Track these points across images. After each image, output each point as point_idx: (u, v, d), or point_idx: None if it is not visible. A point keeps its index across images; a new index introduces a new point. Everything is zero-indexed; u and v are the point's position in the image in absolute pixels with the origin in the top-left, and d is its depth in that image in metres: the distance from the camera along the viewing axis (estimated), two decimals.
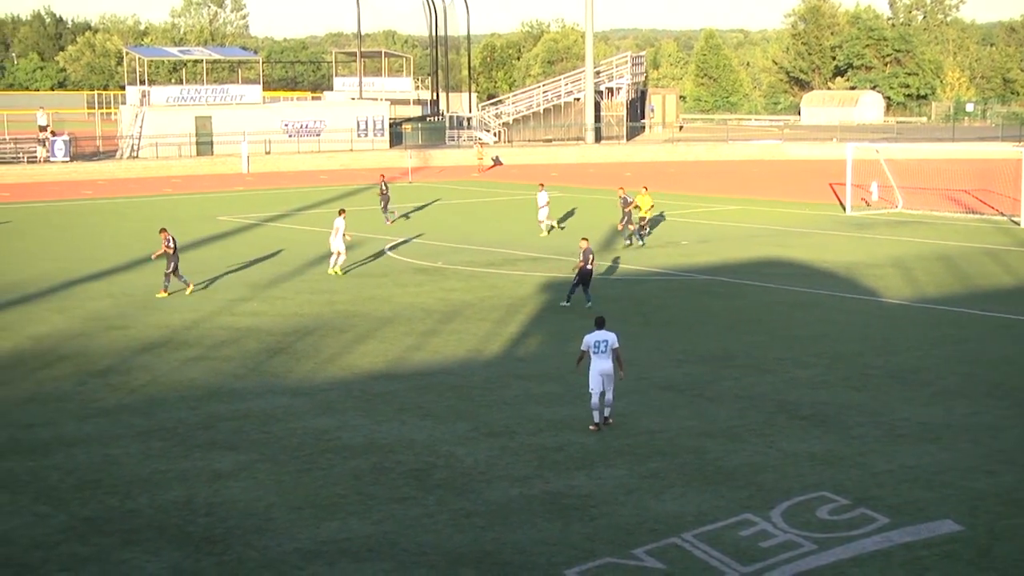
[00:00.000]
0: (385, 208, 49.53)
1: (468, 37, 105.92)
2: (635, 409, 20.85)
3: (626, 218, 42.30)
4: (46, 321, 29.01)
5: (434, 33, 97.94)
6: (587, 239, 30.87)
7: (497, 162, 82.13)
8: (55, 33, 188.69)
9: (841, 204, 53.68)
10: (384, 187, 49.85)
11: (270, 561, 14.36)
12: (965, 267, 36.77)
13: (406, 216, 50.79)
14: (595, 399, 19.63)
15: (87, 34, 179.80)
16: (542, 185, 46.59)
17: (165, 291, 32.09)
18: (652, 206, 43.41)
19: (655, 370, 23.75)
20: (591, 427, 19.61)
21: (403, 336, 27.07)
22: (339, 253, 35.35)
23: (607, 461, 18.03)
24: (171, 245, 31.92)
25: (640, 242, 41.76)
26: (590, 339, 19.63)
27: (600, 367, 19.48)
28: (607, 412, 19.79)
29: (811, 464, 17.83)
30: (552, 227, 45.57)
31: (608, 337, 19.59)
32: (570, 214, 51.28)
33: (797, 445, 18.78)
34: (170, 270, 32.06)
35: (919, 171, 57.13)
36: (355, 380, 23.13)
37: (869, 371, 23.62)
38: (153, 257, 33.76)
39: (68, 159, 73.86)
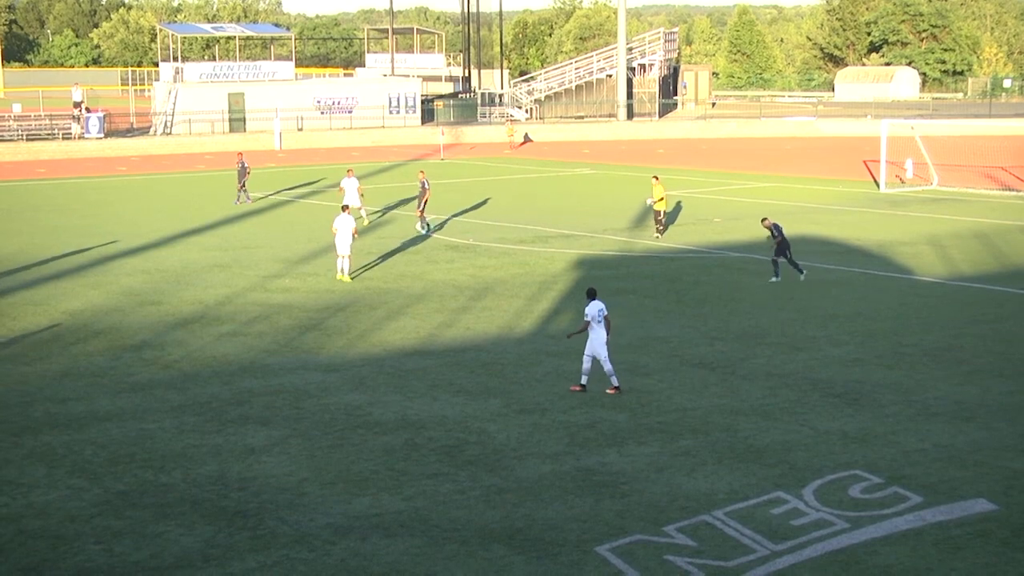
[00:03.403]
0: (242, 187, 47.60)
1: (500, 13, 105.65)
2: (667, 387, 20.82)
3: (423, 205, 39.09)
4: (81, 296, 29.20)
5: (466, 9, 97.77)
6: (768, 217, 31.29)
7: (527, 139, 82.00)
8: (90, 10, 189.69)
9: (875, 181, 53.34)
10: (242, 165, 47.69)
11: (302, 536, 14.43)
12: (1001, 245, 36.48)
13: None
14: (588, 364, 20.40)
15: (121, 11, 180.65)
16: (350, 171, 41.53)
17: None
18: (663, 198, 37.86)
19: (687, 347, 23.70)
20: (576, 388, 20.47)
21: (435, 313, 27.11)
22: (346, 256, 30.87)
23: (638, 438, 18.02)
24: None
25: (657, 236, 37.81)
26: (593, 310, 20.19)
27: (602, 336, 20.19)
28: (614, 381, 20.37)
29: (844, 442, 17.76)
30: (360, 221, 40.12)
31: (603, 306, 20.31)
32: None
33: (830, 423, 18.71)
34: None
35: (955, 148, 56.70)
36: (387, 356, 23.18)
37: (903, 349, 23.50)
38: None
39: (102, 135, 74.23)
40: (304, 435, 18.30)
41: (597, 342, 20.21)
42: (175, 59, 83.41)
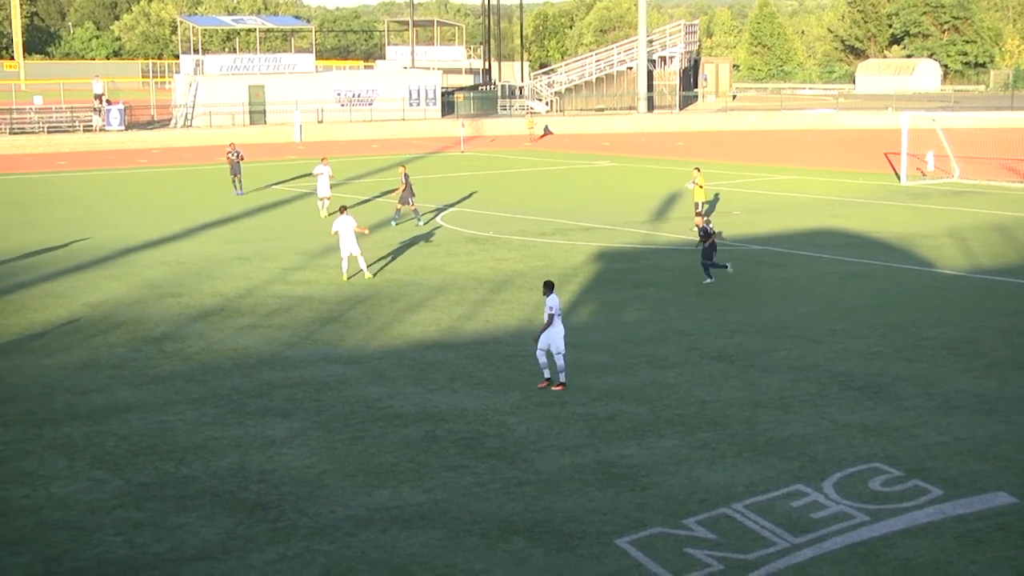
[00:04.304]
0: (236, 176, 47.61)
1: (520, 6, 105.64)
2: (687, 379, 20.81)
3: (410, 195, 38.95)
4: (101, 288, 29.32)
5: (486, 2, 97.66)
6: (701, 214, 31.01)
7: (547, 131, 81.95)
8: (111, 2, 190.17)
9: (896, 174, 53.14)
10: (234, 155, 47.49)
11: (322, 528, 14.48)
12: (1022, 238, 36.31)
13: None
14: (544, 359, 20.30)
15: (142, 3, 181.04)
16: (324, 159, 42.26)
17: None
18: (702, 186, 38.27)
19: (707, 340, 23.67)
20: (543, 385, 20.27)
21: (455, 305, 27.14)
22: (357, 256, 30.21)
23: (658, 431, 18.02)
24: None
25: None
26: (556, 303, 20.08)
27: (561, 330, 20.11)
28: (563, 377, 20.30)
29: (863, 435, 17.73)
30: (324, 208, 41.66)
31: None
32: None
33: (849, 416, 18.68)
34: None
35: (976, 140, 56.47)
36: (407, 349, 23.22)
37: (923, 342, 23.43)
38: None
39: (123, 128, 74.51)
40: (324, 427, 18.35)
41: (558, 336, 20.07)
42: (195, 51, 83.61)
